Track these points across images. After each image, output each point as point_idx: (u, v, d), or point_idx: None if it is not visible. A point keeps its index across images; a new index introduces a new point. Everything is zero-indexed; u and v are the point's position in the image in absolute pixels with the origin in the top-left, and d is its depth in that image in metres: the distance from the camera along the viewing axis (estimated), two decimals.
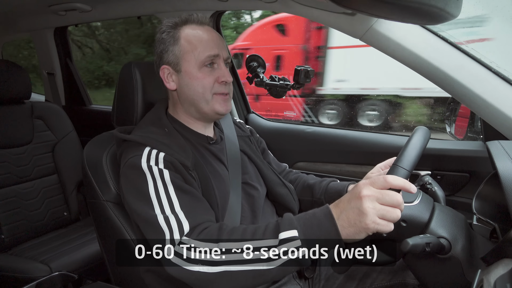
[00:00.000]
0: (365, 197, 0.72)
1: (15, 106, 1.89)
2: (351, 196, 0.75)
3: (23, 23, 2.27)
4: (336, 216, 0.75)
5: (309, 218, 0.78)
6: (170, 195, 0.88)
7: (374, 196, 0.72)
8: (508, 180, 0.75)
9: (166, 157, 0.93)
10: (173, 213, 0.86)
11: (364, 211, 0.71)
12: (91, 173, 1.13)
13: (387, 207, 0.72)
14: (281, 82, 1.64)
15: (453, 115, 1.48)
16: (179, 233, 0.83)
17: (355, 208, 0.73)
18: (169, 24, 1.05)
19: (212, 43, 1.03)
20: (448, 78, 1.06)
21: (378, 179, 0.74)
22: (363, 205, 0.72)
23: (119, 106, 1.19)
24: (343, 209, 0.75)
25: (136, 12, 1.86)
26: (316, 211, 0.79)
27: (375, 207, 0.72)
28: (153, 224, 0.86)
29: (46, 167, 1.95)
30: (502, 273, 0.68)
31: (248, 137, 1.26)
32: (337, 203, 0.78)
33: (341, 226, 0.74)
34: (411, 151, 0.81)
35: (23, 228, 1.81)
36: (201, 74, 1.02)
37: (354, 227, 0.73)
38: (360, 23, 1.11)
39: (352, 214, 0.73)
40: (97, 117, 2.49)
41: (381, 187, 0.73)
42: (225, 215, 1.00)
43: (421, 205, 0.87)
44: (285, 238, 0.76)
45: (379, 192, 0.72)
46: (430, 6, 0.72)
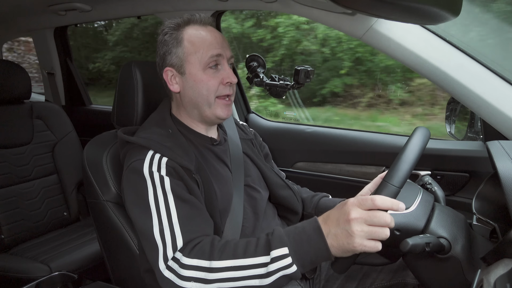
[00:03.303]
0: (353, 220, 0.73)
1: (15, 106, 1.89)
2: (339, 216, 0.76)
3: (23, 23, 2.27)
4: (325, 233, 0.77)
5: (298, 233, 0.79)
6: (169, 204, 0.88)
7: (362, 218, 0.73)
8: (508, 180, 0.75)
9: (169, 162, 0.93)
10: (169, 224, 0.86)
11: (352, 234, 0.72)
12: (91, 173, 1.13)
13: (376, 227, 0.73)
14: (281, 82, 1.64)
15: (453, 115, 1.48)
16: (172, 249, 0.84)
17: (344, 230, 0.74)
18: (171, 25, 1.03)
19: (216, 42, 1.02)
20: (448, 78, 1.06)
21: (366, 200, 0.74)
22: (351, 228, 0.72)
23: (119, 106, 1.19)
24: (331, 227, 0.76)
25: (136, 12, 1.86)
26: (305, 225, 0.80)
27: (363, 230, 0.72)
28: (148, 237, 0.87)
29: (46, 167, 1.95)
30: (502, 273, 0.68)
31: (251, 140, 1.25)
32: (326, 219, 0.78)
33: (330, 244, 0.76)
34: (402, 164, 0.78)
35: (23, 228, 1.81)
36: (205, 76, 1.01)
37: (342, 247, 0.75)
38: (360, 23, 1.11)
39: (341, 235, 0.74)
40: (97, 117, 2.50)
41: (369, 209, 0.74)
42: (228, 217, 1.00)
43: (418, 211, 0.86)
44: (277, 256, 0.77)
45: (367, 214, 0.73)
46: (430, 6, 0.72)
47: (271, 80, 1.66)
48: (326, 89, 3.76)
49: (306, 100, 3.66)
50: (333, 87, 3.75)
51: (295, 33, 3.91)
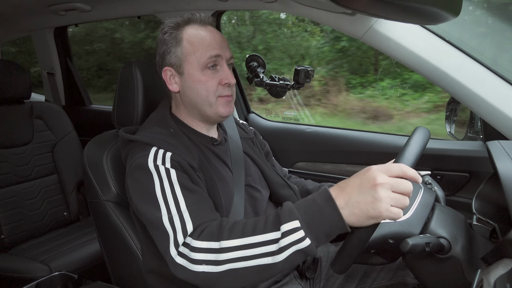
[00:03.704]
0: (380, 185, 0.69)
1: (15, 106, 1.89)
2: (362, 182, 0.72)
3: (23, 23, 2.27)
4: (344, 201, 0.73)
5: (309, 205, 0.76)
6: (176, 194, 0.88)
7: (389, 184, 0.70)
8: (508, 180, 0.75)
9: (173, 156, 0.93)
10: (178, 212, 0.86)
11: (379, 198, 0.69)
12: (91, 172, 1.13)
13: (400, 195, 0.71)
14: (281, 82, 1.64)
15: (453, 115, 1.48)
16: (183, 234, 0.83)
17: (368, 195, 0.70)
18: (171, 24, 1.03)
19: (215, 43, 1.01)
20: (448, 78, 1.06)
21: (393, 167, 0.71)
22: (378, 193, 0.69)
23: (120, 105, 1.19)
24: (352, 194, 0.72)
25: (136, 12, 1.86)
26: (316, 196, 0.77)
27: (389, 196, 0.69)
28: (158, 226, 0.86)
29: (46, 167, 1.95)
30: (502, 273, 0.68)
31: (251, 139, 1.25)
32: (343, 188, 0.74)
33: (351, 212, 0.72)
34: (411, 150, 0.78)
35: (23, 228, 1.81)
36: (204, 77, 1.00)
37: (366, 213, 0.71)
38: (360, 23, 1.12)
39: (365, 201, 0.70)
40: (97, 117, 2.50)
41: (396, 176, 0.71)
42: (229, 217, 1.00)
43: (413, 218, 0.85)
44: (288, 230, 0.74)
45: (394, 180, 0.70)
46: (430, 6, 0.72)
47: (271, 80, 1.66)
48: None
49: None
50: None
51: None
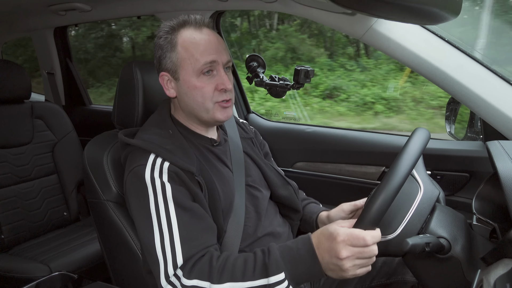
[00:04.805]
0: (346, 259, 0.77)
1: (15, 106, 1.89)
2: (330, 250, 0.79)
3: (23, 23, 2.27)
4: (321, 257, 0.81)
5: (293, 256, 0.83)
6: (170, 213, 0.89)
7: (353, 256, 0.77)
8: (508, 180, 0.75)
9: (170, 167, 0.93)
10: (170, 237, 0.87)
11: (346, 270, 0.78)
12: (91, 172, 1.13)
13: (364, 260, 0.79)
14: (281, 82, 1.64)
15: (453, 115, 1.48)
16: (173, 267, 0.85)
17: (336, 265, 0.79)
18: (166, 29, 1.00)
19: (210, 48, 0.98)
20: (448, 78, 1.06)
21: (357, 240, 0.77)
22: (344, 266, 0.77)
23: (120, 106, 1.19)
24: (324, 257, 0.81)
25: (136, 12, 1.86)
26: (300, 247, 0.83)
27: (354, 264, 0.78)
28: (150, 251, 0.89)
29: (46, 167, 1.95)
30: (502, 273, 0.68)
31: (251, 139, 1.25)
32: (318, 245, 0.82)
33: (326, 267, 0.81)
34: (376, 206, 0.76)
35: (23, 228, 1.81)
36: (199, 83, 0.98)
37: (335, 275, 0.81)
38: (360, 23, 1.12)
39: (334, 267, 0.79)
40: (97, 117, 2.50)
41: (361, 246, 0.77)
42: (230, 217, 1.01)
43: (401, 236, 0.84)
44: (274, 282, 0.81)
45: (358, 251, 0.77)
46: (430, 6, 0.72)
47: (271, 80, 1.66)
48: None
49: None
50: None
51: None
